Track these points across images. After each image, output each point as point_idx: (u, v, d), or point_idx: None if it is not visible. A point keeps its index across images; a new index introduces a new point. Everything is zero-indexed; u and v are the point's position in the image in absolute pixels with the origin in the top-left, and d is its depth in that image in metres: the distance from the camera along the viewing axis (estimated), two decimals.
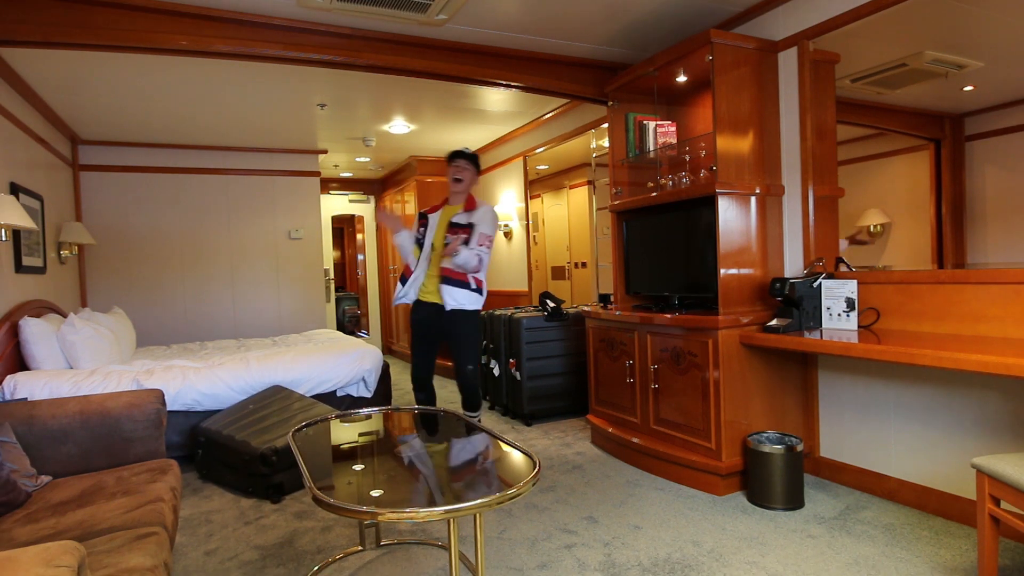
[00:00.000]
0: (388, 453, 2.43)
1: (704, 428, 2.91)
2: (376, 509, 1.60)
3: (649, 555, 2.29)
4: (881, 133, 3.20)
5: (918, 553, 2.21)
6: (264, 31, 3.04)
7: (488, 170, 6.36)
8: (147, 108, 4.50)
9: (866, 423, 2.81)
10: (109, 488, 2.04)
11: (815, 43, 2.90)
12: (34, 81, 3.81)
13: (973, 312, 2.35)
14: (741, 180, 2.98)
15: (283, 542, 2.51)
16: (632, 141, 3.59)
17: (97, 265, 5.43)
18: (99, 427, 2.35)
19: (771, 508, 2.67)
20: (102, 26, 2.76)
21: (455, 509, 1.58)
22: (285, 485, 3.01)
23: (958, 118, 2.86)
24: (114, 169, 5.50)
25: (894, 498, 2.69)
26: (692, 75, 3.34)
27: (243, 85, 4.10)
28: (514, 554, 2.33)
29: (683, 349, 3.01)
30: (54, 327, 3.53)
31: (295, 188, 6.27)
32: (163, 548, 1.66)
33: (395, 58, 3.32)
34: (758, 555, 2.26)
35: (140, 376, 3.42)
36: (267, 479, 2.99)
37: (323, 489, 1.70)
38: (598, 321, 3.65)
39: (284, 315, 6.22)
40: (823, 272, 2.84)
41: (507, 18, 3.17)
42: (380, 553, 2.37)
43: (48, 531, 1.72)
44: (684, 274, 3.29)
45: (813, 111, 2.92)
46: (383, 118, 5.13)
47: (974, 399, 2.40)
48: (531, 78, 3.66)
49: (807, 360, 3.06)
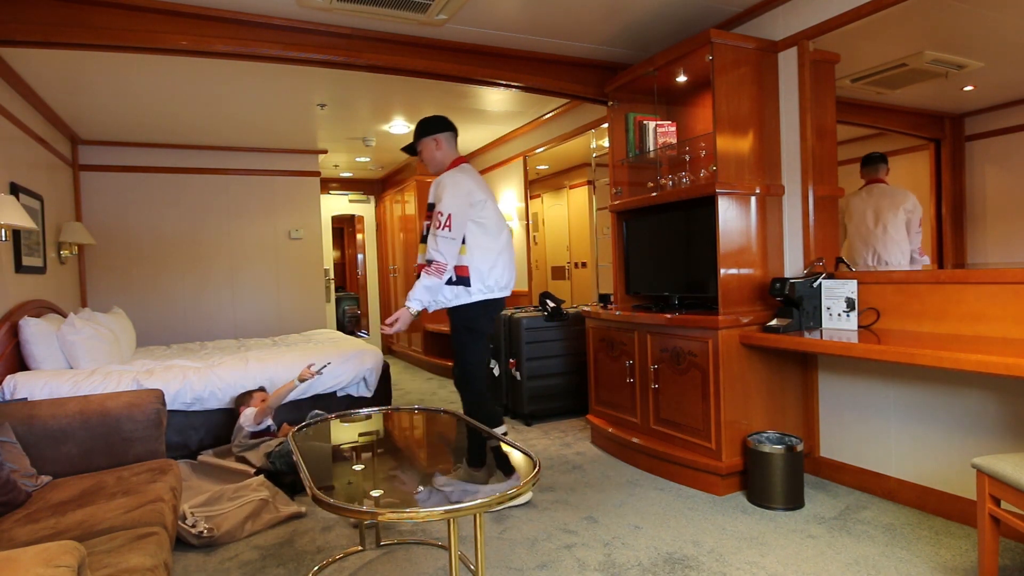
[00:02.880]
0: (388, 453, 2.43)
1: (704, 428, 2.91)
2: (376, 509, 1.61)
3: (649, 555, 2.29)
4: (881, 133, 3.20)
5: (918, 553, 2.21)
6: (264, 31, 3.03)
7: (488, 170, 6.37)
8: (147, 108, 4.49)
9: (866, 423, 2.81)
10: (109, 488, 2.04)
11: (815, 43, 2.90)
12: (34, 81, 3.80)
13: (973, 312, 2.35)
14: (741, 180, 2.98)
15: (283, 542, 2.51)
16: (632, 141, 3.58)
17: (97, 265, 5.42)
18: (99, 427, 2.36)
19: (771, 508, 2.66)
20: (102, 26, 2.75)
21: (455, 509, 1.58)
22: (297, 485, 2.99)
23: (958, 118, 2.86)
24: (114, 169, 5.50)
25: (894, 498, 2.69)
26: (692, 75, 3.34)
27: (243, 85, 4.10)
28: (514, 554, 2.33)
29: (683, 349, 3.01)
30: (54, 327, 3.53)
31: (295, 188, 6.27)
32: (163, 548, 1.66)
33: (395, 58, 3.31)
34: (758, 555, 2.26)
35: (140, 376, 3.41)
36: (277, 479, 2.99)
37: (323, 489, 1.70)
38: (598, 321, 3.64)
39: (284, 315, 6.22)
40: (823, 272, 2.84)
41: (507, 18, 3.16)
42: (380, 553, 2.37)
43: (48, 531, 1.72)
44: (684, 274, 3.29)
45: (813, 111, 2.92)
46: (383, 118, 5.13)
47: (974, 399, 2.39)
48: (531, 78, 3.65)
49: (807, 360, 3.06)
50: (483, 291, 2.80)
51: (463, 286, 2.77)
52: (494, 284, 2.83)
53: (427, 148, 2.92)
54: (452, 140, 2.96)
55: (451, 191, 2.73)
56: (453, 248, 2.71)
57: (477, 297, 2.80)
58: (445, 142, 2.93)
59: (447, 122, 2.96)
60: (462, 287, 2.77)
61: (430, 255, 2.71)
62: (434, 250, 2.70)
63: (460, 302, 2.79)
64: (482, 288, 2.80)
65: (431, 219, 2.78)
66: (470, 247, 2.77)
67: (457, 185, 2.76)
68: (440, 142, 2.92)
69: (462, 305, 2.80)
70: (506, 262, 2.88)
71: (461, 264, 2.76)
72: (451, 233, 2.68)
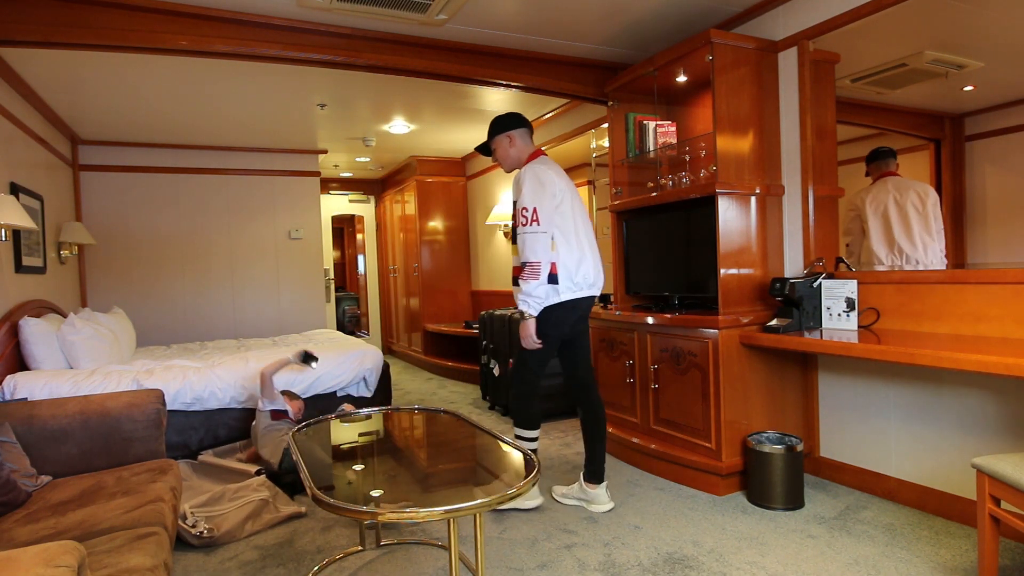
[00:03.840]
0: (388, 453, 2.42)
1: (704, 428, 2.91)
2: (376, 509, 1.61)
3: (649, 555, 2.29)
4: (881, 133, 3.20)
5: (918, 553, 2.21)
6: (264, 31, 3.03)
7: (488, 170, 6.37)
8: (147, 108, 4.49)
9: (866, 423, 2.81)
10: (109, 488, 2.04)
11: (815, 43, 2.90)
12: (34, 81, 3.80)
13: (973, 312, 2.35)
14: (741, 180, 2.98)
15: (283, 542, 2.51)
16: (632, 141, 3.58)
17: (97, 265, 5.42)
18: (99, 427, 2.35)
19: (771, 508, 2.66)
20: (102, 26, 2.75)
21: (455, 509, 1.58)
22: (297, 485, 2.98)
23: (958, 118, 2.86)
24: (114, 169, 5.49)
25: (894, 498, 2.69)
26: (692, 75, 3.34)
27: (243, 85, 4.09)
28: (514, 554, 2.33)
29: (683, 349, 3.00)
30: (54, 327, 3.52)
31: (295, 188, 6.26)
32: (163, 548, 1.66)
33: (395, 58, 3.31)
34: (758, 555, 2.26)
35: (140, 376, 3.41)
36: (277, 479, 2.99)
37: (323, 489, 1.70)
38: (598, 321, 3.64)
39: (284, 315, 6.21)
40: (823, 272, 2.84)
41: (507, 18, 3.16)
42: (380, 553, 2.37)
43: (48, 531, 1.72)
44: (684, 274, 3.28)
45: (813, 111, 2.92)
46: (383, 118, 5.13)
47: (974, 399, 2.39)
48: (531, 78, 3.65)
49: (807, 360, 3.06)
50: (572, 289, 2.62)
51: (552, 284, 2.58)
52: (582, 281, 2.64)
53: (500, 146, 2.79)
54: (526, 136, 2.80)
55: (529, 184, 2.58)
56: (545, 243, 2.53)
57: (566, 296, 2.61)
58: (519, 138, 2.78)
59: (520, 118, 2.81)
60: (551, 286, 2.58)
61: (524, 256, 2.54)
62: (526, 250, 2.53)
63: (550, 302, 2.60)
64: (571, 286, 2.61)
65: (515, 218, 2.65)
66: (556, 242, 2.60)
67: (535, 177, 2.59)
68: (514, 139, 2.77)
69: (549, 306, 2.61)
70: (594, 257, 2.71)
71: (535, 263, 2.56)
72: (540, 227, 2.52)
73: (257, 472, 3.06)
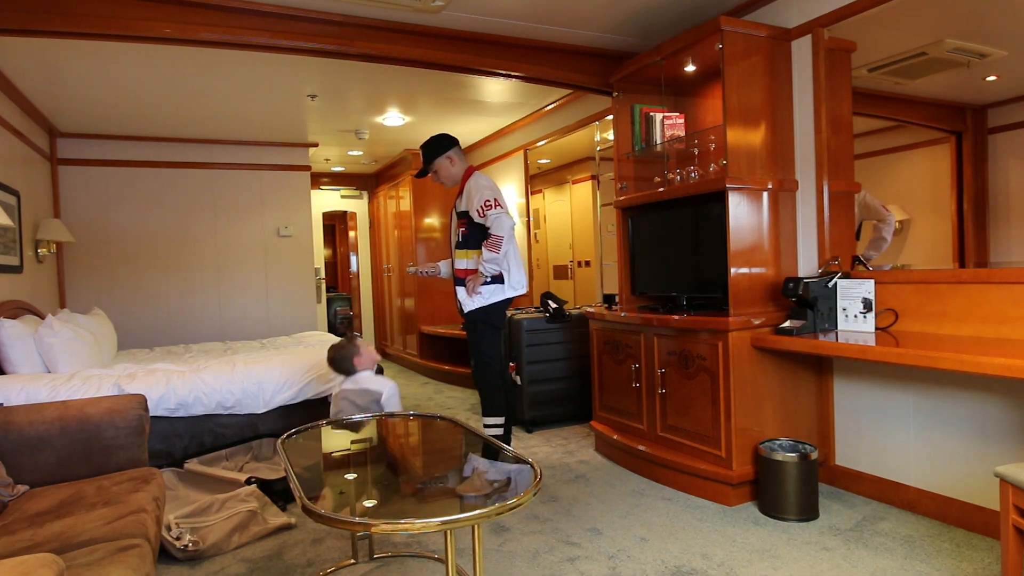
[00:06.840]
0: (382, 461, 2.39)
1: (714, 435, 2.86)
2: (369, 520, 1.57)
3: (656, 568, 2.25)
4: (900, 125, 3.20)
5: (939, 566, 2.18)
6: (251, 18, 2.97)
7: (487, 164, 6.33)
8: (129, 99, 4.45)
9: (884, 430, 2.76)
10: (89, 498, 2.01)
11: (830, 31, 2.85)
12: (10, 71, 3.76)
13: (996, 313, 2.31)
14: (752, 175, 2.93)
15: (272, 555, 2.46)
16: (638, 134, 3.54)
17: (76, 264, 5.35)
18: (78, 434, 2.33)
19: (784, 519, 2.62)
20: (81, 13, 2.70)
21: (452, 520, 1.55)
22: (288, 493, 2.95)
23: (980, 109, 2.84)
24: (94, 163, 5.43)
25: (913, 509, 2.65)
26: (701, 65, 3.30)
27: (230, 75, 4.06)
28: (514, 567, 2.29)
29: (692, 352, 2.95)
30: (31, 329, 3.45)
31: (284, 183, 6.20)
32: (146, 561, 1.64)
33: (389, 46, 3.26)
34: (771, 568, 2.22)
35: (121, 380, 3.34)
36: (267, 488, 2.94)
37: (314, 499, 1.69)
38: (602, 323, 3.60)
39: (273, 316, 6.16)
40: (839, 271, 2.79)
41: (507, 4, 3.11)
42: (374, 566, 2.33)
43: (25, 543, 1.70)
44: (692, 273, 3.24)
45: (828, 102, 2.87)
46: (377, 110, 5.10)
47: (997, 404, 2.35)
48: (532, 67, 3.62)
49: (822, 364, 3.01)
50: (512, 288, 3.17)
51: (498, 284, 3.12)
52: (517, 283, 3.19)
53: (443, 167, 3.25)
54: (460, 152, 3.30)
55: (485, 185, 3.09)
56: (509, 221, 3.04)
57: (508, 294, 3.16)
58: (456, 156, 3.27)
59: (451, 138, 3.28)
60: (496, 284, 3.12)
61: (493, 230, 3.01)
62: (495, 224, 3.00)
63: (496, 299, 3.14)
64: (512, 285, 3.17)
65: (464, 225, 3.14)
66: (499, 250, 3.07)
67: (488, 182, 3.15)
68: (452, 158, 3.26)
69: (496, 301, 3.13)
70: (521, 261, 3.25)
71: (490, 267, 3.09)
72: (503, 209, 3.03)
73: (247, 481, 2.98)
